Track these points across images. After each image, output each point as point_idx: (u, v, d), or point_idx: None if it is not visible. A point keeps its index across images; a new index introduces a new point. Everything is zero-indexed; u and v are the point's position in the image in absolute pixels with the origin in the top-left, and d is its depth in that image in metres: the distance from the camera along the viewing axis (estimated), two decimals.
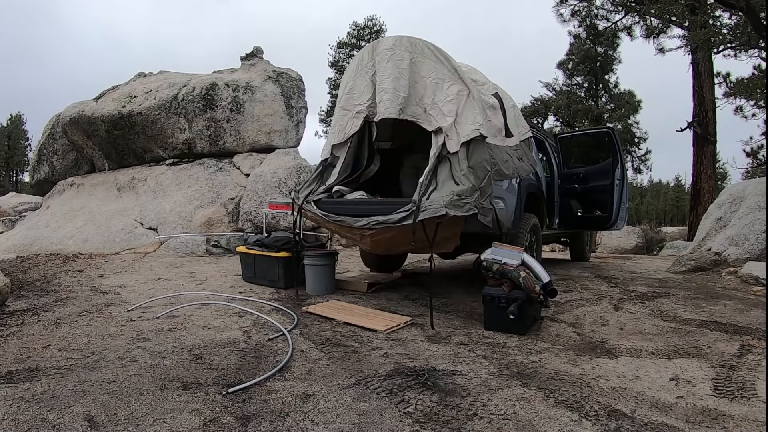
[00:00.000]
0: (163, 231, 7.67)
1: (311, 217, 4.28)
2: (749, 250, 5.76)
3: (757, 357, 2.83)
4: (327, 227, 4.39)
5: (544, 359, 2.79)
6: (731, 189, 7.18)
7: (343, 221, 3.91)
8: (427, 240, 3.53)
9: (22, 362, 2.60)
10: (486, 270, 3.56)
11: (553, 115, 22.02)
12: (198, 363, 2.63)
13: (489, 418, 2.04)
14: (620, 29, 16.35)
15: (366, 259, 5.68)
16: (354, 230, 3.90)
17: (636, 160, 22.21)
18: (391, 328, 3.36)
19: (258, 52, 10.46)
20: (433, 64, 3.96)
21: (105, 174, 9.76)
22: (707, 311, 3.93)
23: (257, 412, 2.07)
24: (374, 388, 2.33)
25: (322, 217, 4.07)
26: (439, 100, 3.86)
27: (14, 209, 12.36)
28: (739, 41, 10.03)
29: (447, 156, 3.70)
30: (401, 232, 3.65)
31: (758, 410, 2.14)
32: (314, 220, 4.36)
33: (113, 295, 4.33)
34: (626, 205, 6.62)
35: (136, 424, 1.94)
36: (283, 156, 8.87)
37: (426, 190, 3.60)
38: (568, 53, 23.03)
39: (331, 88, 33.19)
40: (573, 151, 13.48)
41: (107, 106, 9.29)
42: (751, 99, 11.19)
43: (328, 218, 4.02)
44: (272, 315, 3.69)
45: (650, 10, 12.04)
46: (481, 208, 3.57)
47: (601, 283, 5.22)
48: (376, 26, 33.21)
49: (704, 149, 12.79)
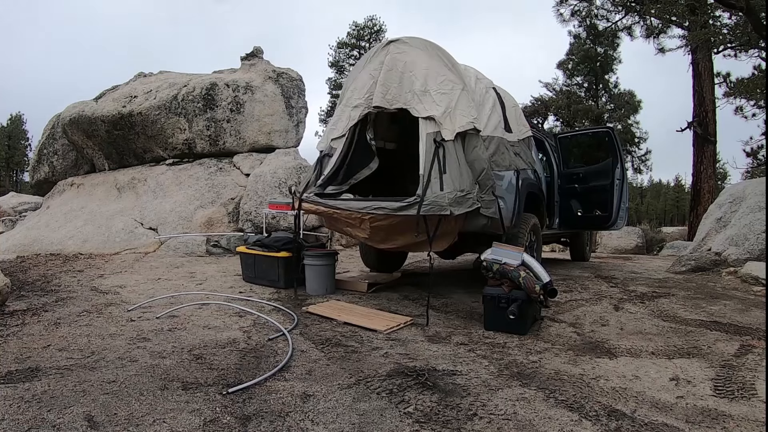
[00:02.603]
0: (163, 231, 7.67)
1: (311, 209, 4.30)
2: (749, 250, 5.76)
3: (757, 357, 2.83)
4: (326, 217, 4.40)
5: (544, 359, 2.79)
6: (731, 189, 7.18)
7: (343, 206, 3.98)
8: (427, 235, 3.55)
9: (22, 362, 2.60)
10: (486, 270, 3.56)
11: (553, 115, 22.02)
12: (198, 363, 2.63)
13: (489, 418, 2.04)
14: (620, 29, 16.36)
15: (366, 259, 5.67)
16: (353, 218, 3.93)
17: (636, 160, 22.21)
18: (391, 328, 3.36)
19: (258, 52, 10.46)
20: (429, 58, 4.02)
21: (105, 174, 9.75)
22: (707, 311, 3.93)
23: (257, 412, 2.07)
24: (374, 388, 2.33)
25: (323, 203, 4.10)
26: (431, 90, 3.90)
27: (14, 209, 12.36)
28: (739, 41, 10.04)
29: (443, 144, 3.71)
30: (401, 222, 3.68)
31: (758, 410, 2.14)
32: (314, 212, 4.37)
33: (113, 295, 4.33)
34: (626, 205, 6.62)
35: (136, 424, 1.94)
36: (283, 156, 8.87)
37: (428, 183, 3.61)
38: (568, 53, 23.04)
39: (331, 88, 33.22)
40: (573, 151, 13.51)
41: (107, 106, 9.29)
42: (751, 99, 11.19)
43: (329, 205, 4.06)
44: (272, 315, 3.69)
45: (650, 10, 12.05)
46: (483, 201, 3.59)
47: (601, 283, 5.22)
48: (376, 26, 33.23)
49: (704, 149, 12.79)
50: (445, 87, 3.88)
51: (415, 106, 3.93)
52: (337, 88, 31.46)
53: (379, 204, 3.80)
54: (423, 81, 3.95)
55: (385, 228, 3.87)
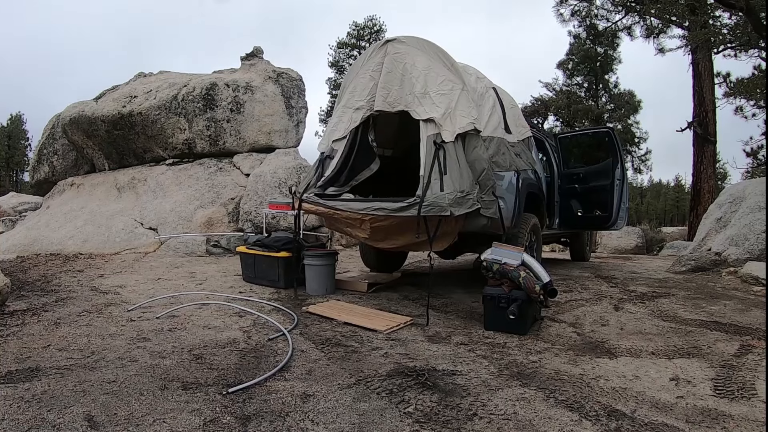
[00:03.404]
0: (163, 231, 7.67)
1: (311, 209, 4.30)
2: (749, 250, 5.76)
3: (757, 357, 2.83)
4: (326, 217, 4.40)
5: (544, 359, 2.79)
6: (731, 189, 7.18)
7: (344, 207, 4.00)
8: (427, 235, 3.55)
9: (22, 362, 2.60)
10: (486, 270, 3.56)
11: (553, 115, 22.00)
12: (198, 363, 2.63)
13: (489, 418, 2.04)
14: (620, 29, 16.37)
15: (366, 259, 5.67)
16: (354, 218, 3.94)
17: (636, 160, 22.20)
18: (391, 328, 3.36)
19: (258, 52, 10.46)
20: (428, 59, 4.03)
21: (105, 174, 9.76)
22: (707, 311, 3.93)
23: (257, 412, 2.07)
24: (374, 388, 2.33)
25: (323, 204, 4.10)
26: (431, 92, 3.90)
27: (14, 209, 12.36)
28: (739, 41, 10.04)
29: (443, 146, 3.71)
30: (401, 222, 3.69)
31: (758, 410, 2.14)
32: (314, 212, 4.38)
33: (113, 295, 4.33)
34: (626, 204, 6.62)
35: (136, 424, 1.94)
36: (283, 156, 8.87)
37: (428, 184, 3.61)
38: (568, 53, 23.03)
39: (331, 88, 33.19)
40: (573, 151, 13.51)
41: (107, 106, 9.29)
42: (751, 99, 11.20)
43: (329, 205, 4.07)
44: (272, 315, 3.69)
45: (650, 10, 12.06)
46: (483, 202, 3.60)
47: (601, 283, 5.22)
48: (376, 26, 33.20)
49: (704, 149, 12.78)
50: (444, 87, 3.89)
51: (415, 108, 3.93)
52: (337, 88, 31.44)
53: (380, 204, 3.81)
54: (422, 82, 3.95)
55: (385, 228, 3.88)
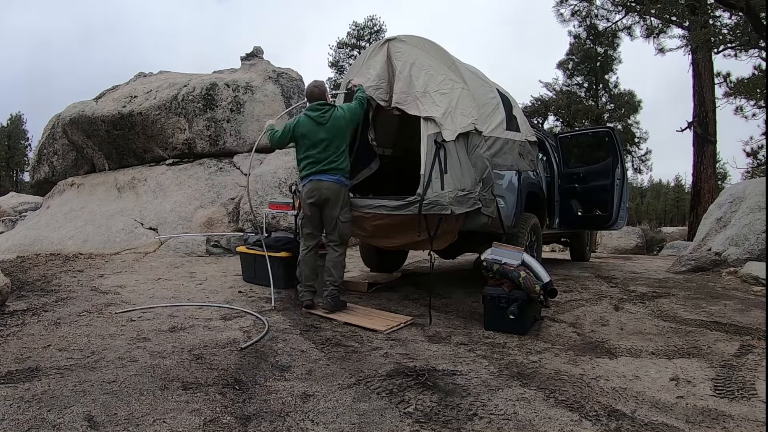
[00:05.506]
0: (163, 231, 7.67)
1: None
2: (749, 250, 5.76)
3: (757, 357, 2.83)
4: None
5: (544, 359, 2.79)
6: (731, 189, 7.18)
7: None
8: (428, 234, 3.55)
9: (22, 362, 2.60)
10: (486, 270, 3.56)
11: (553, 115, 22.01)
12: (198, 363, 2.63)
13: (489, 418, 2.04)
14: (620, 29, 16.38)
15: (366, 259, 5.67)
16: (354, 216, 3.94)
17: (636, 160, 22.20)
18: (391, 328, 3.36)
19: (258, 52, 10.46)
20: (428, 57, 4.01)
21: (105, 174, 9.75)
22: (707, 311, 3.93)
23: (257, 412, 2.07)
24: (374, 388, 2.33)
25: None
26: (431, 91, 3.89)
27: (14, 209, 12.35)
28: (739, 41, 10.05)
29: (444, 145, 3.71)
30: (402, 221, 3.69)
31: (758, 410, 2.14)
32: None
33: (113, 295, 4.32)
34: (626, 204, 6.61)
35: (136, 424, 1.94)
36: (283, 156, 8.86)
37: (428, 183, 3.61)
38: (568, 53, 23.02)
39: (331, 88, 33.15)
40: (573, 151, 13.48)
41: (107, 106, 9.29)
42: (751, 99, 11.20)
43: None
44: (272, 315, 3.69)
45: (650, 10, 12.06)
46: (483, 200, 3.60)
47: (601, 283, 5.22)
48: (376, 26, 33.19)
49: (704, 149, 12.78)
50: (445, 86, 3.88)
51: (416, 107, 3.93)
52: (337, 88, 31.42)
53: (381, 203, 3.81)
54: (423, 81, 3.94)
55: (386, 227, 3.88)
